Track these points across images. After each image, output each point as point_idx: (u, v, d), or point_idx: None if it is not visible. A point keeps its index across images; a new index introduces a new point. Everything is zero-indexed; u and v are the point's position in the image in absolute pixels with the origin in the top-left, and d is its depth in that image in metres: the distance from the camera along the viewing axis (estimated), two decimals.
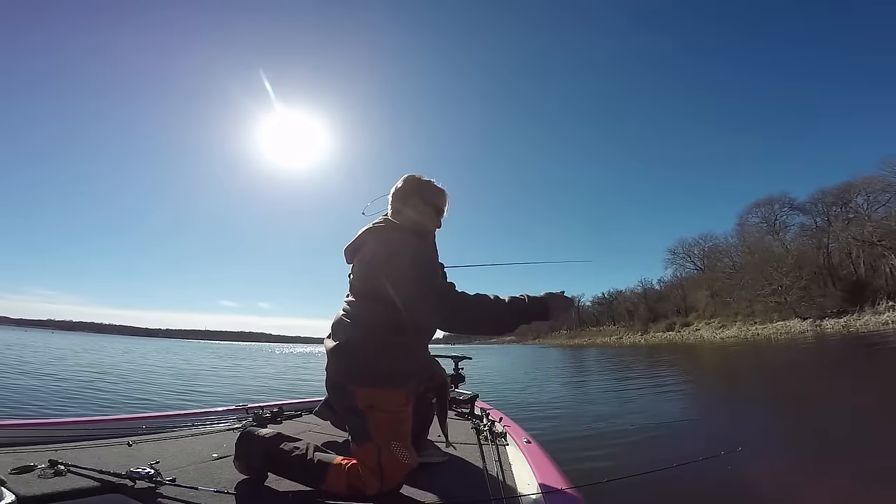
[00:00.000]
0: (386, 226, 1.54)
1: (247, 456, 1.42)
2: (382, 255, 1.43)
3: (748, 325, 40.52)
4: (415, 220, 1.59)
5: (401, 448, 1.34)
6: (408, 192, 1.62)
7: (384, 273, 1.40)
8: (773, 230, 45.36)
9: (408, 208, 1.61)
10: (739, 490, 2.92)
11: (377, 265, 1.43)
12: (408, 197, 1.61)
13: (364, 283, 1.49)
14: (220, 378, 11.77)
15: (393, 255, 1.41)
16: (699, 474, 2.82)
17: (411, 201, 1.61)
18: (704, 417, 6.64)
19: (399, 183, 1.65)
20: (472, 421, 2.57)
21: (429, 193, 1.64)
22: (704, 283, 50.32)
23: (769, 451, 3.98)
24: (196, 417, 2.38)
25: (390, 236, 1.49)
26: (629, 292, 68.73)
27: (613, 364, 18.22)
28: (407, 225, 1.57)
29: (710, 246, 53.56)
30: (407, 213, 1.60)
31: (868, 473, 3.25)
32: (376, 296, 1.42)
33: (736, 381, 11.64)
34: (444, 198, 1.68)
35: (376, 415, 1.37)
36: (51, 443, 1.62)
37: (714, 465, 2.84)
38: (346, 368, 1.46)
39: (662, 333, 51.64)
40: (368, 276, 1.46)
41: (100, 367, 12.02)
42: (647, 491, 2.63)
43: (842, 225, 39.62)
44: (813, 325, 33.59)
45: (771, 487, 3.06)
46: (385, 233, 1.51)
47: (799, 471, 3.49)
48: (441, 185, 1.67)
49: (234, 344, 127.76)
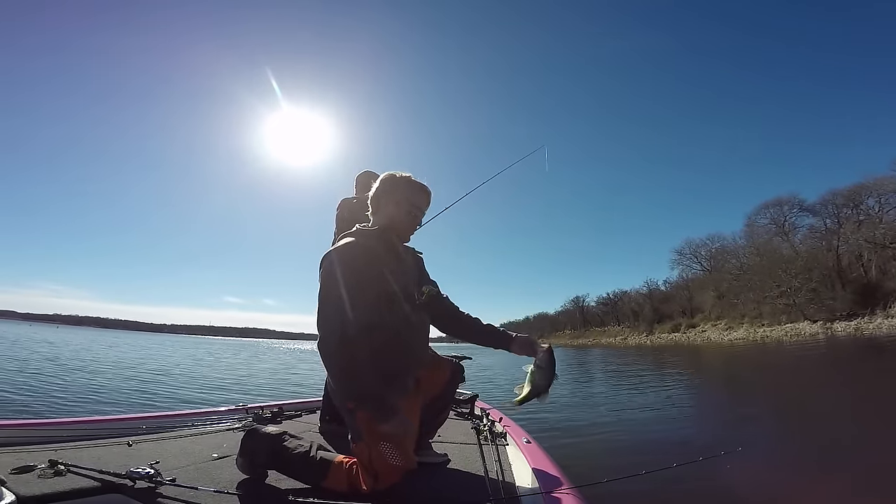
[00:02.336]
0: (348, 232, 1.63)
1: (251, 453, 1.42)
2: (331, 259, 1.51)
3: (756, 326, 40.09)
4: (380, 222, 1.66)
5: (391, 448, 1.33)
6: (377, 194, 1.68)
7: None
8: (782, 231, 44.75)
9: (378, 213, 1.68)
10: (739, 490, 2.92)
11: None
12: (378, 198, 1.68)
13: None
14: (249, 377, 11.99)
15: (329, 260, 1.50)
16: (699, 474, 2.83)
17: (381, 201, 1.67)
18: (706, 418, 6.63)
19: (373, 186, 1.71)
20: (471, 421, 2.57)
21: (396, 191, 1.66)
22: (711, 285, 49.81)
23: (769, 451, 3.97)
24: (196, 417, 2.39)
25: (342, 241, 1.57)
26: (634, 293, 68.35)
27: (617, 366, 18.11)
28: (367, 229, 1.62)
29: (717, 247, 53.12)
30: (376, 217, 1.68)
31: (867, 475, 3.25)
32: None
33: (750, 384, 11.52)
34: (412, 192, 1.67)
35: (363, 414, 1.37)
36: (51, 443, 1.63)
37: (714, 466, 2.87)
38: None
39: (668, 335, 51.26)
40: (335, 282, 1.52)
41: (136, 368, 12.09)
42: (647, 491, 2.63)
43: (853, 227, 39.01)
44: (823, 328, 33.13)
45: (770, 488, 3.06)
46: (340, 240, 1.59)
47: (798, 471, 3.49)
48: (409, 177, 1.67)
49: (240, 340, 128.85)
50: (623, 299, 72.09)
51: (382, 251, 1.57)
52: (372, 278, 1.49)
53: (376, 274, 1.50)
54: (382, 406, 1.34)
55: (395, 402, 1.39)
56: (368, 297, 1.46)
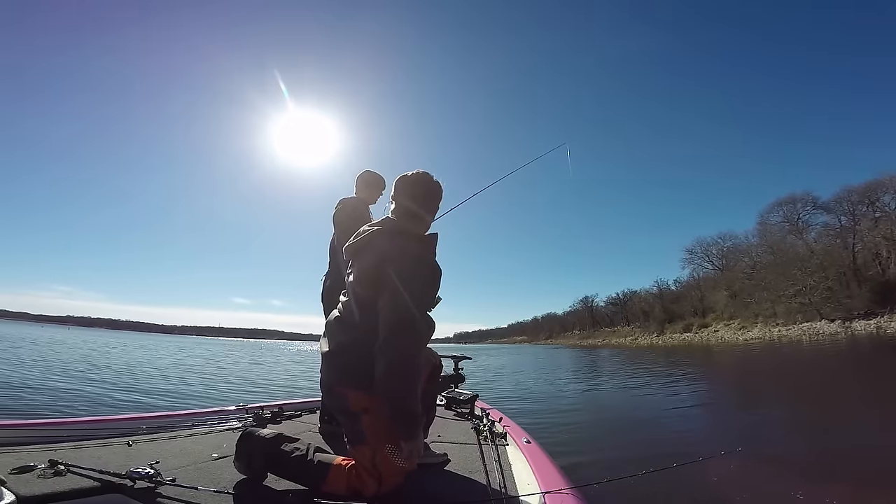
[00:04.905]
0: (393, 228, 1.48)
1: (247, 456, 1.42)
2: (388, 260, 1.37)
3: (770, 326, 39.32)
4: (416, 226, 1.54)
5: (396, 450, 1.33)
6: (413, 194, 1.54)
7: (386, 278, 1.35)
8: (796, 229, 43.87)
9: (408, 215, 1.53)
10: (738, 490, 2.94)
11: (381, 269, 1.37)
12: (413, 199, 1.54)
13: (361, 286, 1.45)
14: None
15: (397, 262, 1.36)
16: (699, 474, 2.87)
17: (415, 204, 1.53)
18: (710, 418, 6.59)
19: (400, 181, 1.56)
20: (472, 421, 2.56)
21: (428, 195, 1.57)
22: (724, 284, 49.00)
23: (769, 452, 3.95)
24: (196, 417, 2.40)
25: (399, 243, 1.42)
26: (644, 293, 67.53)
27: (625, 366, 17.90)
28: (411, 229, 1.51)
29: (729, 245, 52.26)
30: (406, 216, 1.53)
31: (866, 475, 3.25)
32: (373, 298, 1.38)
33: (760, 384, 11.28)
34: (440, 197, 1.60)
35: (370, 417, 1.36)
36: (51, 443, 1.63)
37: (714, 466, 2.92)
38: (337, 371, 1.45)
39: (679, 335, 50.52)
40: (368, 279, 1.42)
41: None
42: (647, 491, 2.64)
43: (869, 224, 38.08)
44: (843, 327, 32.34)
45: (769, 488, 3.07)
46: (394, 237, 1.44)
47: (799, 473, 3.48)
48: (436, 180, 1.59)
49: (249, 341, 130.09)
50: (633, 299, 71.31)
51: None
52: (437, 283, 1.47)
53: (438, 279, 1.48)
54: (419, 423, 1.34)
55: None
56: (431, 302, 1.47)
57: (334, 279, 2.54)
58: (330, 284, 2.57)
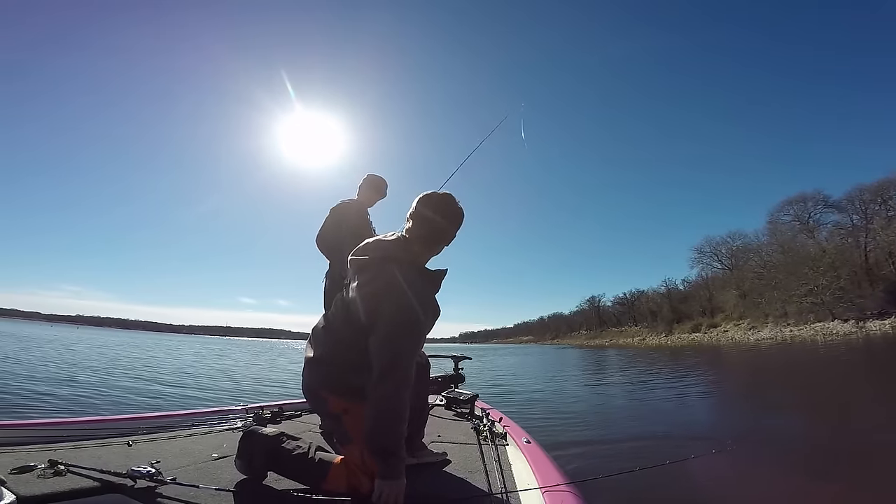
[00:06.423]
0: (403, 257, 1.43)
1: (249, 454, 1.43)
2: (389, 299, 1.33)
3: (781, 326, 38.76)
4: (429, 253, 1.50)
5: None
6: (432, 221, 1.45)
7: (382, 319, 1.31)
8: (807, 228, 43.21)
9: (422, 241, 1.46)
10: (727, 487, 3.00)
11: (380, 306, 1.33)
12: (432, 227, 1.45)
13: (358, 309, 1.39)
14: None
15: (398, 307, 1.31)
16: (691, 472, 2.91)
17: (433, 233, 1.47)
18: (709, 416, 6.61)
19: (423, 202, 1.47)
20: (472, 421, 2.55)
21: (449, 226, 1.49)
22: (733, 283, 48.40)
23: (761, 450, 3.97)
24: (196, 417, 2.40)
25: (407, 278, 1.37)
26: (652, 292, 66.99)
27: (631, 366, 17.76)
28: (422, 260, 1.48)
29: (738, 245, 51.56)
30: (420, 242, 1.46)
31: (864, 475, 3.25)
32: (365, 326, 1.35)
33: (771, 385, 11.13)
34: (460, 225, 1.53)
35: (350, 418, 1.37)
36: (51, 443, 1.65)
37: (706, 463, 2.94)
38: (319, 377, 1.46)
39: (688, 335, 50.02)
40: (367, 308, 1.36)
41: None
42: (642, 487, 2.69)
43: (882, 223, 37.38)
44: (857, 327, 31.74)
45: (758, 485, 3.10)
46: (403, 270, 1.39)
47: (792, 471, 3.51)
48: (460, 206, 1.49)
49: (255, 340, 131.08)
50: (640, 299, 70.78)
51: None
52: (430, 328, 1.43)
53: (433, 322, 1.45)
54: (401, 463, 1.29)
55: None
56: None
57: (334, 279, 2.56)
58: (330, 285, 2.59)
